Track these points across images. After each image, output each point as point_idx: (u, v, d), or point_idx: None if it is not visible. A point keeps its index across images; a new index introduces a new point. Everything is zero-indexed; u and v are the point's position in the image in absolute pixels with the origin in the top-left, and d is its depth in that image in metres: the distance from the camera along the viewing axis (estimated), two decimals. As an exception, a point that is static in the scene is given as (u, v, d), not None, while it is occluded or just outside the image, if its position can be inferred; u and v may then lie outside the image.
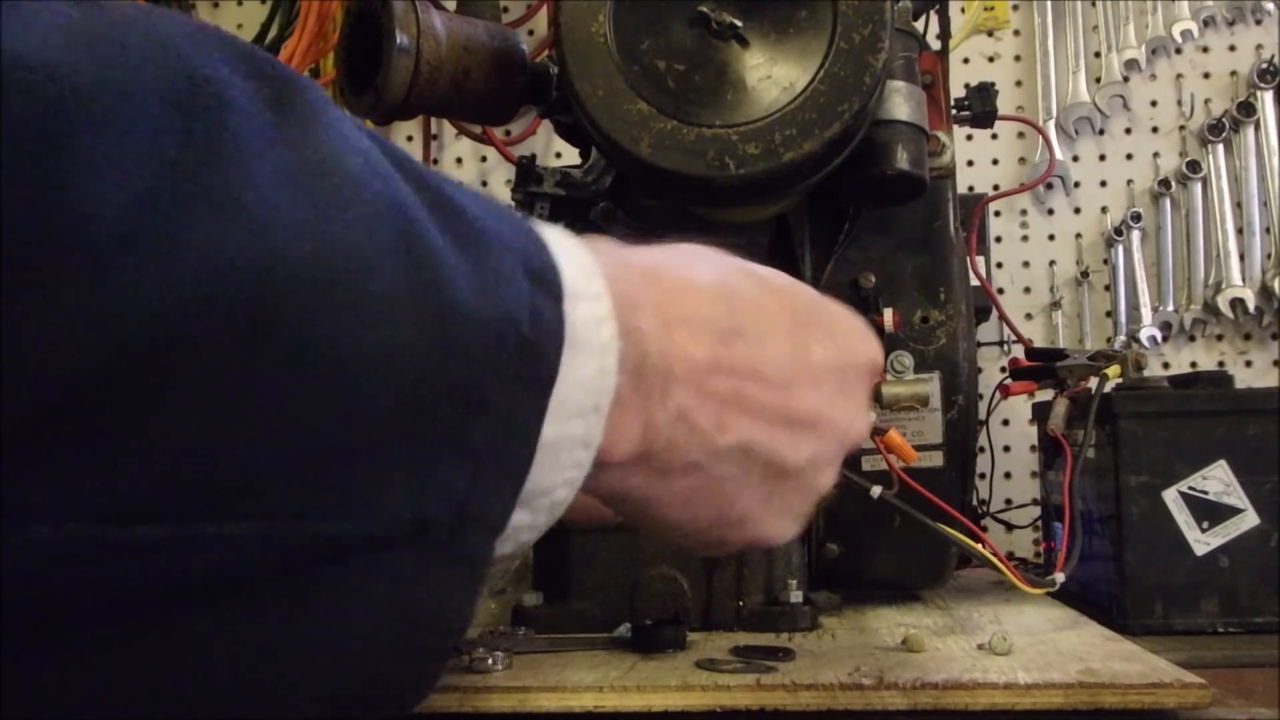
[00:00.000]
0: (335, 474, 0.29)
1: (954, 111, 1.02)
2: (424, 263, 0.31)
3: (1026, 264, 1.49)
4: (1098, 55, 1.49)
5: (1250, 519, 0.85)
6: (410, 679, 0.34)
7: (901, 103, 0.84)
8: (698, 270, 0.43)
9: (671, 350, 0.40)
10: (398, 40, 0.79)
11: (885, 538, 0.87)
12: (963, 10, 1.41)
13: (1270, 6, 1.46)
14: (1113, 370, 0.94)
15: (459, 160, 1.58)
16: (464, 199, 0.34)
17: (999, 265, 1.46)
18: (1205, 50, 1.48)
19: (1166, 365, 1.43)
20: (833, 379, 0.45)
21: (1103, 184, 1.49)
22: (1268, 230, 1.42)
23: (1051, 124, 1.48)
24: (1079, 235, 1.49)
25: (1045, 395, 1.01)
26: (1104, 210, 1.48)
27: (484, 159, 1.57)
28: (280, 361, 0.27)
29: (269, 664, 0.30)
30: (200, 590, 0.28)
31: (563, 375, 0.34)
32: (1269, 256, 1.42)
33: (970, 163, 1.49)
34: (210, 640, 0.28)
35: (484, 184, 1.57)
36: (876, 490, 0.76)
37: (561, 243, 0.37)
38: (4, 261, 0.24)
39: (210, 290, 0.26)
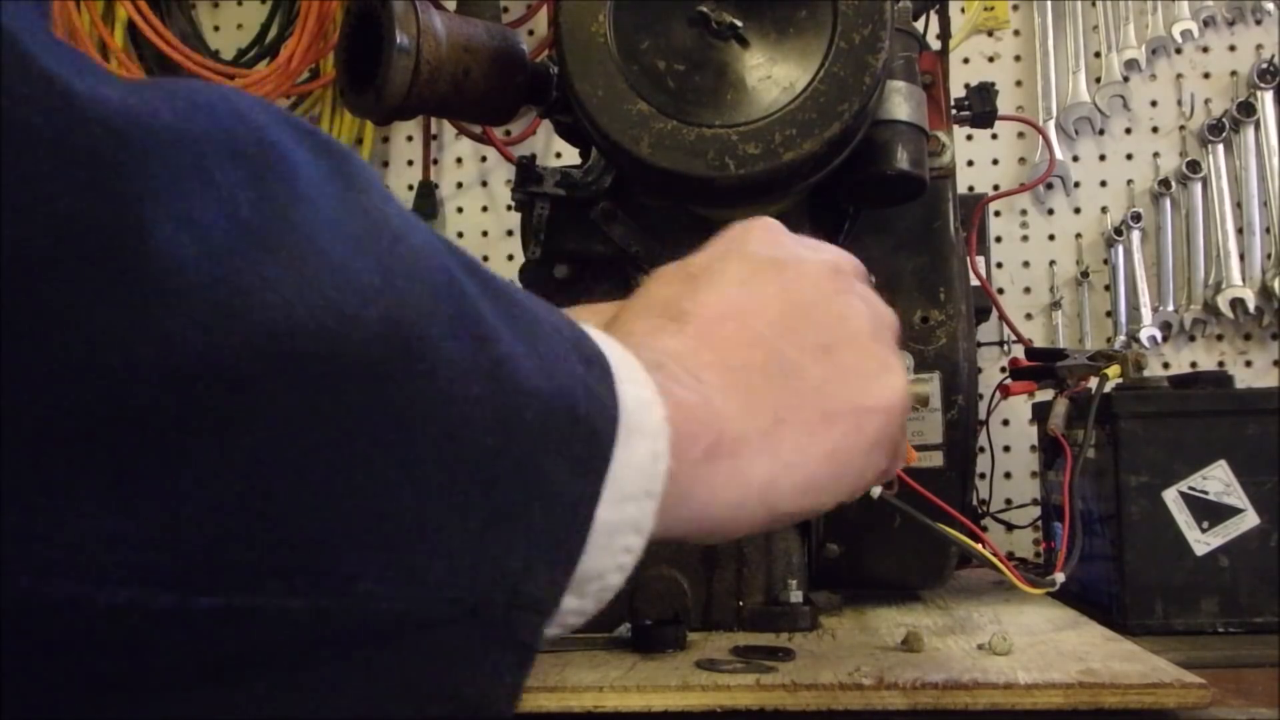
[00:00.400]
0: (396, 547, 0.28)
1: (954, 111, 1.02)
2: (484, 336, 0.31)
3: (1026, 264, 1.49)
4: (1098, 55, 1.49)
5: (1250, 519, 0.85)
6: None
7: (901, 103, 0.84)
8: (723, 299, 0.43)
9: (714, 413, 0.39)
10: (398, 40, 0.79)
11: (885, 538, 0.87)
12: (963, 10, 1.41)
13: (1270, 6, 1.46)
14: (1113, 370, 0.94)
15: (459, 160, 1.58)
16: (508, 284, 0.34)
17: (999, 265, 1.46)
18: (1205, 50, 1.48)
19: (1166, 365, 1.43)
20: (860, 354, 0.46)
21: (1103, 184, 1.49)
22: (1268, 230, 1.42)
23: (1051, 124, 1.48)
24: (1079, 235, 1.49)
25: (1045, 395, 1.01)
26: (1104, 210, 1.48)
27: (484, 159, 1.57)
28: (346, 423, 0.27)
29: None
30: (249, 663, 0.27)
31: (617, 457, 0.34)
32: (1269, 256, 1.42)
33: (970, 163, 1.49)
34: (254, 715, 0.27)
35: (484, 184, 1.57)
36: (876, 490, 0.76)
37: (592, 329, 0.37)
38: (73, 281, 0.23)
39: (281, 344, 0.26)
